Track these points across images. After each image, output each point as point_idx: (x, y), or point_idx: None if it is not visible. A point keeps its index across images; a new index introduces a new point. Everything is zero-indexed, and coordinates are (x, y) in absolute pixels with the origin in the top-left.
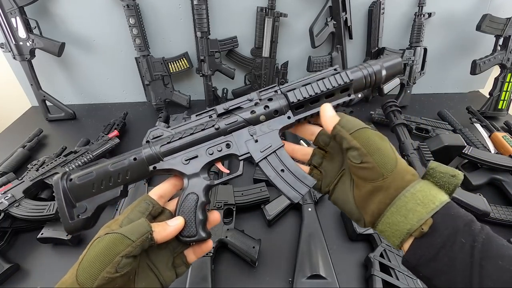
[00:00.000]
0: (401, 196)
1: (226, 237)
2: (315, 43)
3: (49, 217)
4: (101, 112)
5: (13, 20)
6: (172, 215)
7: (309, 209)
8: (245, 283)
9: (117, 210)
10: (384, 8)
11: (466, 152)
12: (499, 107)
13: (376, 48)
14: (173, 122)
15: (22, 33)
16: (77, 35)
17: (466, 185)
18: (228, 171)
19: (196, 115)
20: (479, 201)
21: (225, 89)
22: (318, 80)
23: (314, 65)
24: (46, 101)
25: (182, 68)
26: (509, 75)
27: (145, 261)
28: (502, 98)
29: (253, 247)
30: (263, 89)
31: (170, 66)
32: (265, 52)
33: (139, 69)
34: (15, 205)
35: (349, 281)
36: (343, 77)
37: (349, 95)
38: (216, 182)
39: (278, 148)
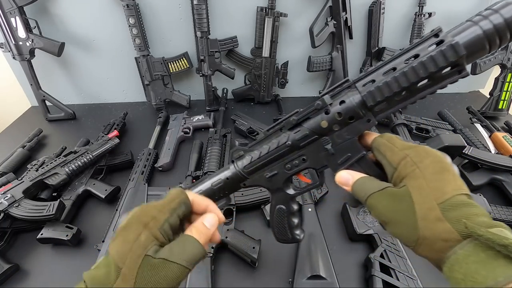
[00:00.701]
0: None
1: (226, 237)
2: (315, 43)
3: (49, 217)
4: (101, 112)
5: (12, 20)
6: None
7: (309, 209)
8: (245, 283)
9: (117, 210)
10: (384, 8)
11: (466, 152)
12: (500, 107)
13: (376, 48)
14: (173, 122)
15: (21, 33)
16: (77, 35)
17: (466, 185)
18: (309, 181)
19: (268, 130)
20: (479, 201)
21: (225, 89)
22: (407, 61)
23: (314, 65)
24: (46, 101)
25: (182, 68)
26: (509, 75)
27: None
28: (503, 98)
29: (253, 248)
30: (335, 86)
31: (170, 66)
32: (265, 52)
33: (139, 69)
34: (14, 205)
35: (349, 282)
36: (448, 53)
37: (459, 72)
38: (297, 192)
39: (359, 159)
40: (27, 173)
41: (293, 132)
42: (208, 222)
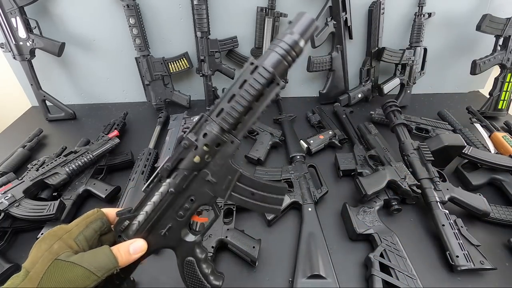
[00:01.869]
0: None
1: (226, 237)
2: (315, 43)
3: (49, 217)
4: (101, 112)
5: (13, 20)
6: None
7: (309, 209)
8: (245, 283)
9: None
10: (384, 8)
11: (466, 152)
12: (499, 107)
13: (376, 48)
14: (173, 122)
15: (22, 33)
16: (77, 35)
17: (466, 185)
18: (206, 219)
19: (147, 186)
20: (479, 201)
21: (225, 89)
22: (240, 87)
23: (314, 65)
24: (46, 101)
25: (182, 68)
26: (509, 75)
27: None
28: (502, 98)
29: (253, 247)
30: (194, 124)
31: (170, 66)
32: None
33: (139, 69)
34: (15, 205)
35: (349, 281)
36: (263, 74)
37: (278, 84)
38: (198, 236)
39: (238, 177)
40: (27, 173)
41: (172, 178)
42: (133, 248)
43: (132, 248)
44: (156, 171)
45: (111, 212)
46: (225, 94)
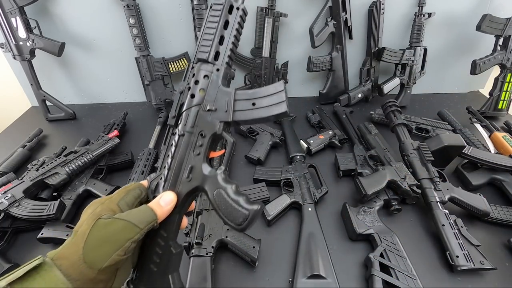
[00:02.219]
0: None
1: (226, 237)
2: (315, 43)
3: (49, 217)
4: (101, 112)
5: (13, 20)
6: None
7: (309, 209)
8: (245, 283)
9: None
10: (384, 8)
11: (466, 152)
12: (499, 107)
13: (376, 48)
14: None
15: (22, 33)
16: (77, 35)
17: (466, 185)
18: (223, 151)
19: (163, 143)
20: (479, 201)
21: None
22: (206, 23)
23: (314, 65)
24: (46, 101)
25: (182, 68)
26: (509, 75)
27: None
28: (502, 98)
29: (253, 247)
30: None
31: (170, 66)
32: (265, 52)
33: (139, 69)
34: (15, 205)
35: (349, 281)
36: (218, 2)
37: (238, 9)
38: (224, 167)
39: (234, 96)
40: (27, 173)
41: (179, 123)
42: (163, 200)
43: (162, 201)
44: (167, 127)
45: (145, 183)
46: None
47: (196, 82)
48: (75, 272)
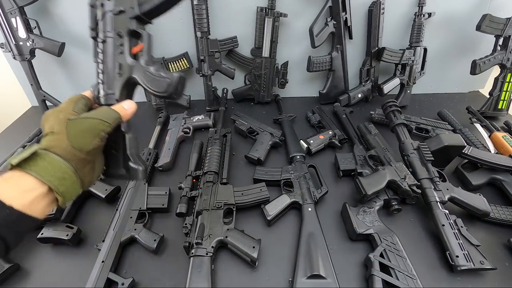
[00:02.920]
0: None
1: (226, 237)
2: (315, 43)
3: (49, 217)
4: None
5: (13, 20)
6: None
7: (309, 209)
8: (245, 283)
9: (117, 210)
10: (384, 8)
11: (466, 152)
12: (499, 107)
13: (376, 48)
14: (173, 122)
15: (22, 33)
16: (77, 35)
17: (466, 185)
18: (141, 45)
19: (94, 57)
20: (479, 201)
21: (225, 89)
22: None
23: (314, 65)
24: (46, 101)
25: (182, 68)
26: (509, 75)
27: None
28: (502, 98)
29: (253, 247)
30: None
31: (170, 66)
32: (265, 52)
33: None
34: None
35: (349, 281)
36: None
37: None
38: (145, 56)
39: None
40: None
41: (99, 32)
42: (126, 105)
43: (125, 105)
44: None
45: (88, 93)
46: None
47: None
48: (68, 154)
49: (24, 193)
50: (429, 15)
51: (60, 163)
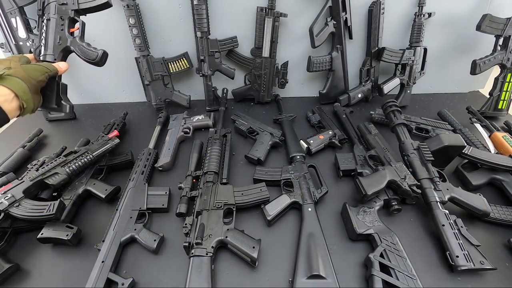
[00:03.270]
0: None
1: (226, 237)
2: (315, 43)
3: (49, 217)
4: (101, 112)
5: (13, 20)
6: None
7: (309, 209)
8: (245, 283)
9: (117, 210)
10: (384, 8)
11: (466, 152)
12: (499, 107)
13: (376, 48)
14: (173, 122)
15: (22, 33)
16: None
17: (466, 185)
18: (78, 27)
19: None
20: (479, 201)
21: (225, 89)
22: None
23: (314, 65)
24: None
25: (182, 68)
26: (509, 75)
27: None
28: (502, 98)
29: (253, 247)
30: None
31: (170, 66)
32: (265, 52)
33: (139, 69)
34: (15, 205)
35: (349, 281)
36: None
37: None
38: (78, 34)
39: None
40: (27, 173)
41: (44, 17)
42: (61, 64)
43: (61, 64)
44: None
45: (29, 55)
46: None
47: None
48: (25, 79)
49: (1, 96)
50: (429, 15)
51: (21, 83)
